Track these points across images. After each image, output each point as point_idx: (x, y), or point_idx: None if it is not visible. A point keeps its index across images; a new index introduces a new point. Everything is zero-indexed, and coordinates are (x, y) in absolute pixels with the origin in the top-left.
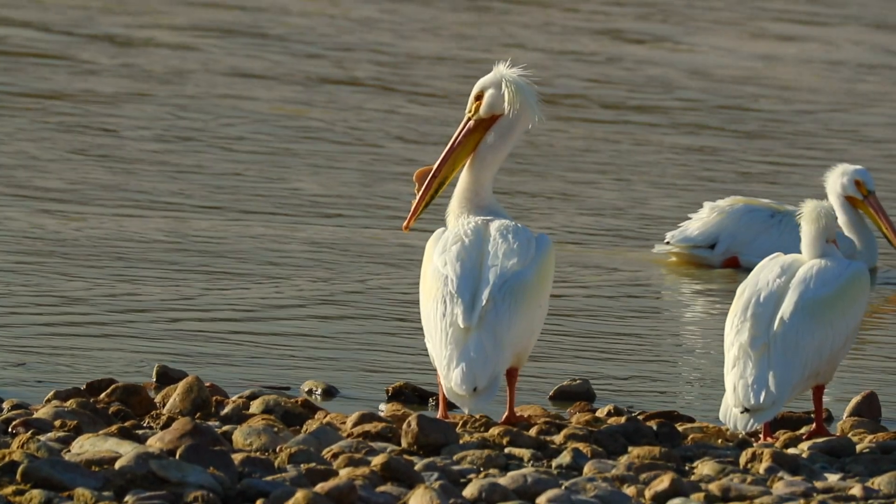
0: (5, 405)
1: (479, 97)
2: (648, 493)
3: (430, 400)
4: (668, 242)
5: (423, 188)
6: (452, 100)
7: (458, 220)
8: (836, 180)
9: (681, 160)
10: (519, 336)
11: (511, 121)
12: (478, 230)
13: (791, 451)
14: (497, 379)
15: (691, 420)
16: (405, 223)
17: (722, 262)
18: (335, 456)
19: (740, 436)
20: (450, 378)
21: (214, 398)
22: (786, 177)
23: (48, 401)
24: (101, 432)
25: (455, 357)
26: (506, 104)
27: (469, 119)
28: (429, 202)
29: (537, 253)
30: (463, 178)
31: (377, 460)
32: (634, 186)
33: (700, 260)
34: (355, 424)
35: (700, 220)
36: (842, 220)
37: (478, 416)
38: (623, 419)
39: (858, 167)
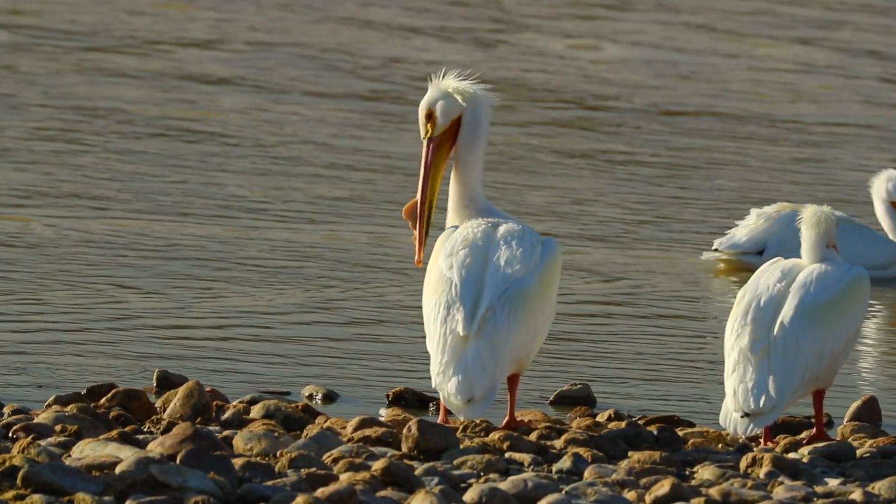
0: (6, 410)
1: (429, 116)
2: (649, 498)
3: (431, 405)
4: (716, 249)
5: (417, 221)
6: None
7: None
8: (881, 185)
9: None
10: (519, 344)
11: (474, 113)
12: (486, 234)
13: (791, 455)
14: (494, 388)
15: (692, 424)
16: (416, 258)
17: None
18: (335, 461)
19: (741, 440)
20: (445, 387)
21: (215, 403)
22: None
23: (49, 405)
24: (101, 437)
25: (452, 366)
26: (460, 100)
27: (429, 139)
28: (427, 229)
29: (542, 258)
30: (453, 188)
31: (377, 465)
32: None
33: (749, 266)
34: (356, 429)
35: (747, 227)
36: (886, 225)
37: (478, 421)
38: (623, 424)
39: None
